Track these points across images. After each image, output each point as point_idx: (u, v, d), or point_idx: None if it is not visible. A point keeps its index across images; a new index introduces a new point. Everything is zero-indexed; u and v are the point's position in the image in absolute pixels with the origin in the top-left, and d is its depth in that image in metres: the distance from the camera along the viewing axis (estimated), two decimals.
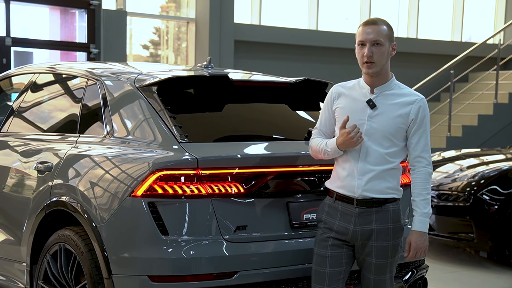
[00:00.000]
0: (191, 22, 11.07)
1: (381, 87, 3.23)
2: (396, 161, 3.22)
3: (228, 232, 3.29)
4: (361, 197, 3.19)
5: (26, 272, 3.95)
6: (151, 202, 3.24)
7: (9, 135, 4.50)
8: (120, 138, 3.64)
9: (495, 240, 6.15)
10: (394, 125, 3.19)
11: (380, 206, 3.21)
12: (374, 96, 3.22)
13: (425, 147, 3.22)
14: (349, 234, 3.22)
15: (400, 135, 3.21)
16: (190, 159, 3.26)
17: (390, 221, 3.23)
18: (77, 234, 3.54)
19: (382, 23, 3.21)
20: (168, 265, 3.22)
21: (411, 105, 3.20)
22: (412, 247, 3.20)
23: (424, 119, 3.22)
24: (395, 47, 3.24)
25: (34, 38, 9.76)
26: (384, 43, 3.18)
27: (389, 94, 3.23)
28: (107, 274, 3.34)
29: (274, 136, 3.78)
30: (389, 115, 3.19)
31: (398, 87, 3.27)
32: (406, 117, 3.19)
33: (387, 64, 3.23)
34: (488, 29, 13.88)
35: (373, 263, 3.23)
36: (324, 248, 3.25)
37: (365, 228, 3.20)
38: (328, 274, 3.23)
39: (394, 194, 3.24)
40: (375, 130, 3.19)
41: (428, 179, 3.22)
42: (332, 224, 3.25)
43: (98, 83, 3.94)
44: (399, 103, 3.21)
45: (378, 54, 3.17)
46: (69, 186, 3.66)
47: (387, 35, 3.20)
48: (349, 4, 12.64)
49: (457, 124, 10.78)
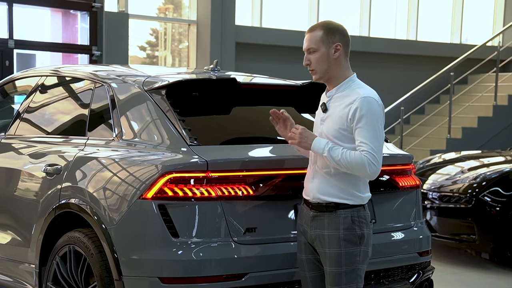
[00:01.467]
0: (192, 24, 11.10)
1: (333, 90, 3.21)
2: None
3: (238, 234, 3.33)
4: (314, 201, 3.18)
5: (35, 274, 3.98)
6: (161, 204, 3.27)
7: (17, 137, 4.53)
8: (129, 140, 3.67)
9: (497, 242, 6.19)
10: (336, 127, 3.13)
11: (332, 212, 3.14)
12: (328, 100, 3.23)
13: (367, 144, 3.03)
14: (308, 237, 3.22)
15: (344, 137, 3.11)
16: (200, 162, 3.29)
17: (341, 228, 3.12)
18: (86, 236, 3.57)
19: (318, 28, 3.18)
20: (178, 267, 3.26)
21: (351, 104, 3.10)
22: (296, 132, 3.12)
23: (363, 117, 3.05)
24: (338, 47, 3.15)
25: (36, 40, 9.78)
26: (317, 48, 3.15)
27: (339, 96, 3.18)
28: (118, 275, 3.37)
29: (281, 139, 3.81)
30: (335, 117, 3.15)
31: (351, 88, 3.17)
32: (345, 118, 3.10)
33: (335, 67, 3.16)
34: (487, 31, 13.93)
35: (328, 272, 3.15)
36: (300, 251, 3.30)
37: (318, 233, 3.16)
38: (308, 278, 3.27)
39: (347, 200, 3.14)
40: (324, 133, 3.18)
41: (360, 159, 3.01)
42: (300, 225, 3.29)
43: (106, 86, 3.97)
44: (345, 103, 3.13)
45: (314, 60, 3.17)
46: (79, 188, 3.69)
47: (321, 39, 3.15)
48: (349, 6, 12.68)
49: (457, 126, 10.82)
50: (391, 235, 3.81)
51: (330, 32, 3.17)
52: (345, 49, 3.19)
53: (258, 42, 11.22)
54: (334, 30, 3.18)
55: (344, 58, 3.19)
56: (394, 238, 3.82)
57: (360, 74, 3.28)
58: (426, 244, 3.94)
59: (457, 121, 10.92)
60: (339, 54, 3.16)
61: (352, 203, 3.15)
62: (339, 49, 3.16)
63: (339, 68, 3.19)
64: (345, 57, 3.20)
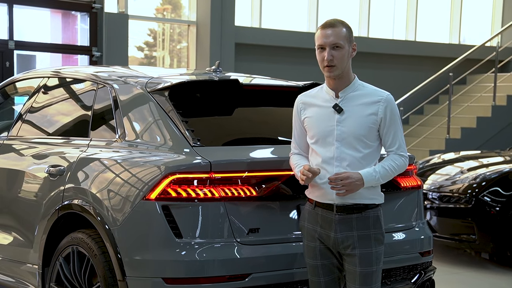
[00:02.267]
0: (192, 25, 11.12)
1: (345, 89, 3.19)
2: (371, 164, 3.17)
3: (241, 235, 3.34)
4: (341, 204, 3.14)
5: (38, 275, 3.99)
6: (165, 205, 3.29)
7: (19, 138, 4.54)
8: (132, 141, 3.68)
9: (497, 242, 6.20)
10: (365, 125, 3.15)
11: (360, 212, 3.15)
12: (340, 100, 3.18)
13: (401, 144, 3.20)
14: (331, 241, 3.17)
15: (371, 135, 3.17)
16: (203, 163, 3.31)
17: (372, 227, 3.16)
18: (90, 237, 3.58)
19: (340, 25, 3.16)
20: (181, 267, 3.27)
21: (378, 103, 3.16)
22: (344, 176, 3.06)
23: (393, 116, 3.18)
24: (355, 47, 3.20)
25: (36, 42, 9.79)
26: (343, 45, 3.13)
27: (354, 96, 3.19)
28: (121, 276, 3.38)
29: (284, 140, 3.84)
30: (358, 116, 3.15)
31: (362, 86, 3.23)
32: (375, 116, 3.15)
33: (348, 66, 3.19)
34: (485, 31, 13.96)
35: (357, 272, 3.13)
36: (313, 257, 3.24)
37: (346, 235, 3.14)
38: (324, 283, 3.24)
39: (374, 199, 3.19)
40: (346, 134, 3.14)
41: (401, 163, 3.18)
42: (314, 231, 3.22)
43: (109, 87, 3.98)
44: (366, 102, 3.17)
45: (339, 57, 3.12)
46: (82, 189, 3.71)
47: (346, 37, 3.15)
48: (347, 7, 12.70)
49: (456, 126, 10.85)
50: (393, 235, 3.82)
51: (351, 31, 3.21)
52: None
53: (257, 42, 11.24)
54: (351, 30, 3.22)
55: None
56: (396, 238, 3.84)
57: (359, 74, 3.30)
58: (428, 244, 3.96)
59: (456, 122, 10.94)
60: (354, 54, 3.20)
61: (378, 202, 3.21)
62: (355, 49, 3.21)
63: (349, 67, 3.21)
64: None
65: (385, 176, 3.16)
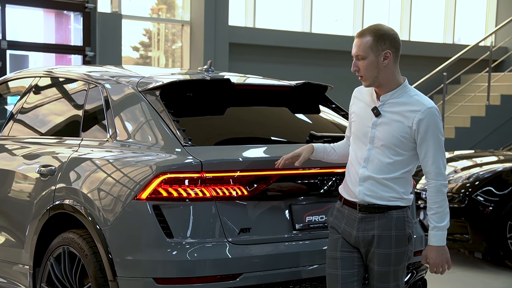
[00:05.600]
0: (186, 24, 11.10)
1: (387, 95, 3.11)
2: (401, 170, 3.11)
3: (232, 235, 3.33)
4: (363, 203, 3.12)
5: (29, 275, 3.98)
6: (155, 205, 3.28)
7: (10, 138, 4.52)
8: (123, 141, 3.67)
9: (490, 241, 6.22)
10: (397, 134, 3.06)
11: (383, 213, 3.11)
12: (380, 104, 3.12)
13: (434, 160, 3.06)
14: (352, 239, 3.16)
15: (404, 145, 3.08)
16: (194, 162, 3.30)
17: (393, 228, 3.11)
18: (81, 237, 3.57)
19: (368, 34, 3.07)
20: (173, 267, 3.26)
21: (415, 114, 3.03)
22: (430, 263, 3.10)
23: (429, 129, 3.03)
24: (388, 54, 3.05)
25: (29, 41, 9.76)
26: (366, 56, 3.05)
27: (395, 103, 3.10)
28: (112, 276, 3.37)
29: (275, 139, 3.83)
30: (392, 124, 3.07)
31: (408, 94, 3.10)
32: (409, 127, 3.04)
33: (385, 74, 3.07)
34: (479, 31, 13.98)
35: (375, 270, 3.14)
36: (334, 250, 3.21)
37: (367, 234, 3.12)
38: (341, 276, 3.17)
39: (399, 202, 3.13)
40: (378, 139, 3.09)
41: (438, 192, 3.07)
42: (338, 227, 3.21)
43: (100, 86, 3.97)
44: (403, 111, 3.06)
45: (363, 67, 3.07)
46: (73, 189, 3.69)
47: (371, 47, 3.04)
48: (342, 6, 12.70)
49: (449, 126, 10.86)
50: None
51: (380, 39, 3.06)
52: (395, 55, 3.08)
53: (251, 42, 11.23)
54: (383, 37, 3.06)
55: (394, 64, 3.09)
56: None
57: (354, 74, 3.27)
58: (420, 243, 3.96)
59: (450, 121, 10.96)
60: (388, 62, 3.06)
61: (403, 205, 3.13)
62: (388, 57, 3.06)
63: (390, 74, 3.08)
64: (395, 63, 3.10)
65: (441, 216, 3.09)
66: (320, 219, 3.58)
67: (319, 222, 3.58)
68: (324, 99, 4.24)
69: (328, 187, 3.58)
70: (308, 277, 3.47)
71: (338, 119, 4.13)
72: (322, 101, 4.22)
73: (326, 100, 4.25)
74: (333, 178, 3.57)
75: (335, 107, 4.24)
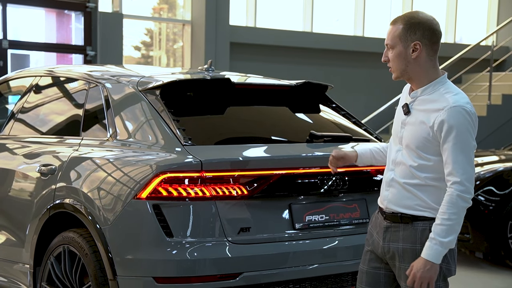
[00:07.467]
0: (187, 24, 11.11)
1: (417, 91, 2.79)
2: (426, 176, 2.74)
3: (232, 234, 3.34)
4: (388, 210, 2.84)
5: (30, 274, 3.98)
6: (155, 204, 3.28)
7: (11, 138, 4.53)
8: (123, 140, 3.68)
9: (491, 241, 6.21)
10: (420, 135, 2.74)
11: (407, 223, 2.78)
12: (411, 101, 2.81)
13: (454, 166, 2.65)
14: (379, 250, 2.89)
15: (427, 148, 2.72)
16: (194, 162, 3.30)
17: (418, 242, 2.75)
18: (81, 236, 3.58)
19: (400, 21, 2.78)
20: (172, 266, 3.26)
21: (438, 112, 2.68)
22: (412, 272, 2.69)
23: (451, 131, 2.65)
24: (417, 46, 2.72)
25: (30, 41, 9.77)
26: (394, 45, 2.76)
27: (424, 100, 2.76)
28: (112, 275, 3.37)
29: (275, 139, 3.83)
30: (417, 124, 2.76)
31: (439, 91, 2.74)
32: (431, 127, 2.70)
33: (414, 67, 2.75)
34: (481, 30, 13.98)
35: (402, 286, 2.82)
36: (362, 263, 2.97)
37: (391, 246, 2.83)
38: None
39: (426, 212, 2.76)
40: (405, 139, 2.80)
41: (451, 203, 2.63)
42: (370, 236, 2.96)
43: (101, 86, 3.97)
44: (429, 109, 2.73)
45: (391, 58, 2.79)
46: (73, 189, 3.70)
47: (399, 35, 2.75)
48: (343, 6, 12.70)
49: None
50: None
51: (411, 28, 2.75)
52: (428, 47, 2.74)
53: (252, 42, 11.24)
54: (416, 26, 2.74)
55: (427, 57, 2.74)
56: None
57: (355, 74, 3.26)
58: None
59: None
60: (418, 54, 2.73)
61: (430, 216, 2.74)
62: (418, 49, 2.73)
63: (420, 68, 2.75)
64: (429, 56, 2.75)
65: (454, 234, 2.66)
66: (320, 218, 3.58)
67: (319, 221, 3.58)
68: (324, 98, 4.24)
69: (328, 187, 3.58)
70: (308, 277, 3.47)
71: (338, 118, 4.14)
72: (322, 100, 4.22)
73: (327, 99, 4.25)
74: (333, 177, 3.57)
75: (335, 106, 4.24)
